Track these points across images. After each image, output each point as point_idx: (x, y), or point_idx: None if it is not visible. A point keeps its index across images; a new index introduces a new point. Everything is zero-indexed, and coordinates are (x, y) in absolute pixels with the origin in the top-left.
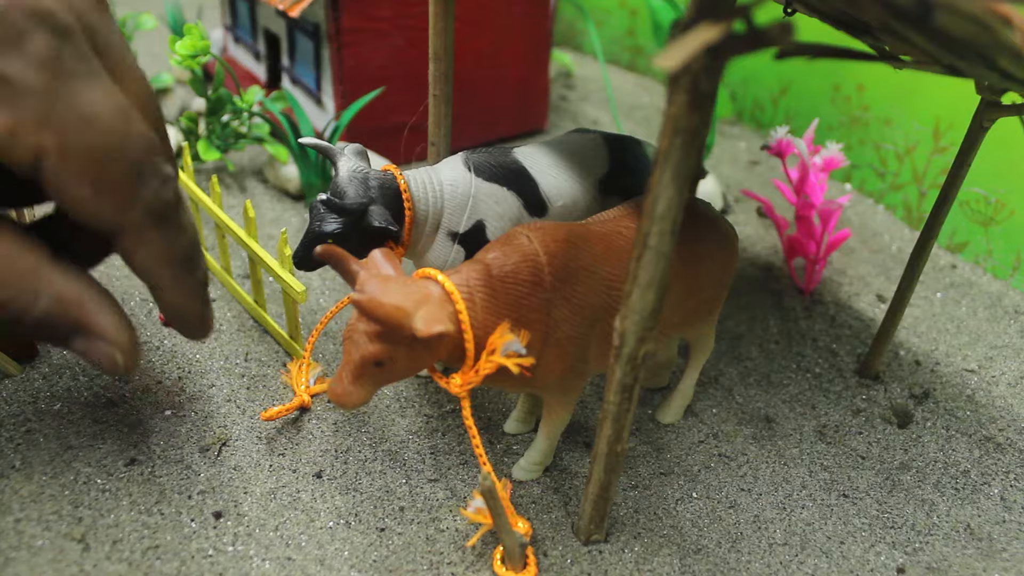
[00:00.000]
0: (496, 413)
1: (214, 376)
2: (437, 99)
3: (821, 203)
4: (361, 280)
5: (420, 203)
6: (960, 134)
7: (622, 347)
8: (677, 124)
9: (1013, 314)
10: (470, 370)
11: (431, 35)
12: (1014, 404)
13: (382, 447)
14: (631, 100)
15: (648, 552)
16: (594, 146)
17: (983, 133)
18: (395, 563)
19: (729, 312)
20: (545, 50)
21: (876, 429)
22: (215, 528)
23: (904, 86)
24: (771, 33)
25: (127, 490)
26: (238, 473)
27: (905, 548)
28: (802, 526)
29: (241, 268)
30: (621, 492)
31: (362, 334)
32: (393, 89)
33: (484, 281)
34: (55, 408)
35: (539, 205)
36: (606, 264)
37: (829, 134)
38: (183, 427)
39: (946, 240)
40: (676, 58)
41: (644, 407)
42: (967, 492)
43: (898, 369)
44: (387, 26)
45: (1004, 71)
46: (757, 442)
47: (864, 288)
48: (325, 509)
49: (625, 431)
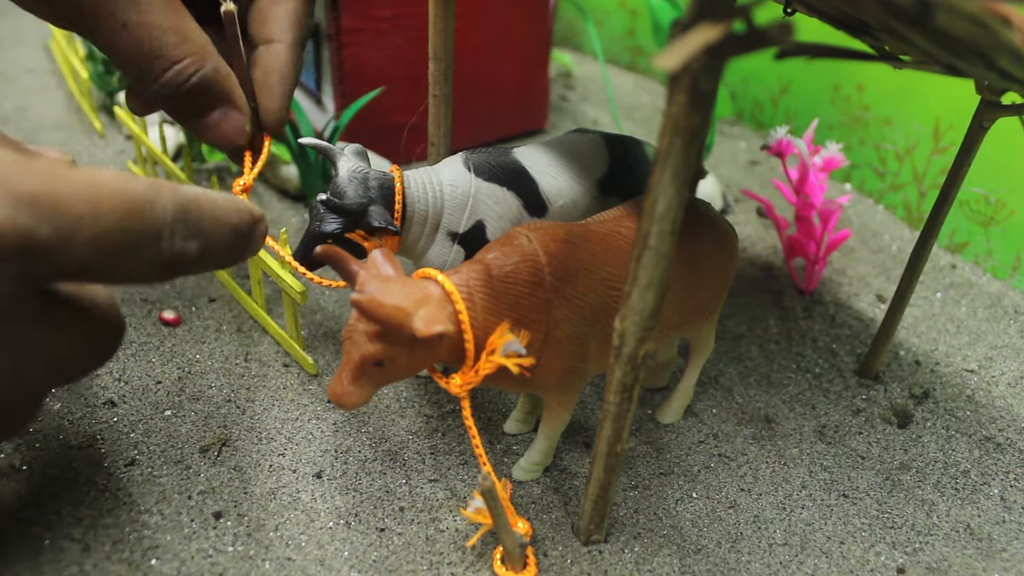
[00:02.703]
0: (496, 413)
1: (214, 376)
2: (437, 99)
3: (821, 203)
4: (361, 280)
5: (419, 203)
6: (960, 134)
7: (622, 347)
8: (677, 124)
9: (1013, 314)
10: (470, 370)
11: (431, 35)
12: (1014, 404)
13: (382, 447)
14: (631, 100)
15: (648, 552)
16: (594, 146)
17: (983, 133)
18: (395, 563)
19: (729, 312)
20: (545, 50)
21: (876, 429)
22: (215, 528)
23: (904, 86)
24: (771, 33)
25: (127, 490)
26: (238, 473)
27: (905, 548)
28: (802, 526)
29: (241, 268)
30: (621, 492)
31: (362, 334)
32: (393, 89)
33: (484, 281)
34: (55, 408)
35: (539, 205)
36: (606, 264)
37: (829, 134)
38: (183, 427)
39: (946, 240)
40: (676, 58)
41: (644, 407)
42: (967, 492)
43: (898, 369)
44: (387, 26)
45: (1004, 71)
46: (757, 442)
47: (864, 288)
48: (325, 509)
49: (625, 431)
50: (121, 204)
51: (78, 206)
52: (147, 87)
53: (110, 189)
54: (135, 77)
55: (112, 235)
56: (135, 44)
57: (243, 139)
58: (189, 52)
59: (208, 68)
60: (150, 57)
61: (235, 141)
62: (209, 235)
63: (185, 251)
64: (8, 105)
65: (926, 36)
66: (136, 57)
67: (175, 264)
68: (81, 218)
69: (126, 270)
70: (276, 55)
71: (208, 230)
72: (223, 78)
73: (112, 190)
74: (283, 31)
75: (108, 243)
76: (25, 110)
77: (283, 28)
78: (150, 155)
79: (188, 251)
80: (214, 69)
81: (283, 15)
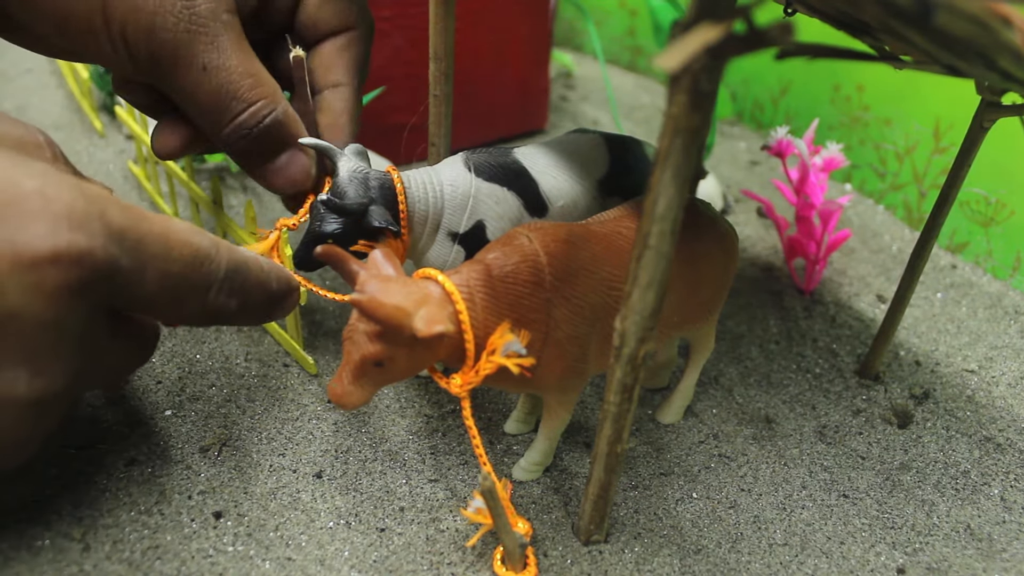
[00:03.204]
0: (496, 413)
1: (214, 376)
2: (437, 99)
3: (821, 203)
4: (361, 280)
5: (420, 203)
6: (960, 134)
7: (622, 347)
8: (677, 124)
9: (1013, 314)
10: (470, 370)
11: (431, 35)
12: (1014, 404)
13: (382, 447)
14: (631, 100)
15: (648, 552)
16: (594, 146)
17: (983, 133)
18: (395, 563)
19: (729, 312)
20: (545, 50)
21: (876, 429)
22: (215, 528)
23: (904, 86)
24: (771, 33)
25: (127, 490)
26: (238, 473)
27: (905, 548)
28: (802, 526)
29: None
30: (621, 492)
31: (362, 334)
32: (393, 89)
33: (484, 281)
34: None
35: (539, 205)
36: (606, 264)
37: (829, 134)
38: (183, 427)
39: (946, 240)
40: (676, 58)
41: (644, 407)
42: (967, 492)
43: (898, 369)
44: (387, 26)
45: (1004, 71)
46: (757, 442)
47: (864, 288)
48: (325, 509)
49: (625, 431)
50: (187, 253)
51: (154, 246)
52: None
53: (181, 238)
54: (210, 122)
55: (174, 278)
56: (214, 87)
57: (309, 182)
58: (263, 95)
59: (279, 110)
60: (228, 99)
61: (302, 184)
62: (249, 296)
63: (226, 306)
64: (8, 104)
65: (926, 36)
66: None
67: (215, 315)
68: (155, 257)
69: (175, 311)
70: (344, 98)
71: (249, 291)
72: (292, 120)
73: (182, 240)
74: (349, 75)
75: (168, 285)
76: (25, 110)
77: (349, 72)
78: (150, 155)
79: (228, 307)
80: (284, 112)
81: (349, 60)
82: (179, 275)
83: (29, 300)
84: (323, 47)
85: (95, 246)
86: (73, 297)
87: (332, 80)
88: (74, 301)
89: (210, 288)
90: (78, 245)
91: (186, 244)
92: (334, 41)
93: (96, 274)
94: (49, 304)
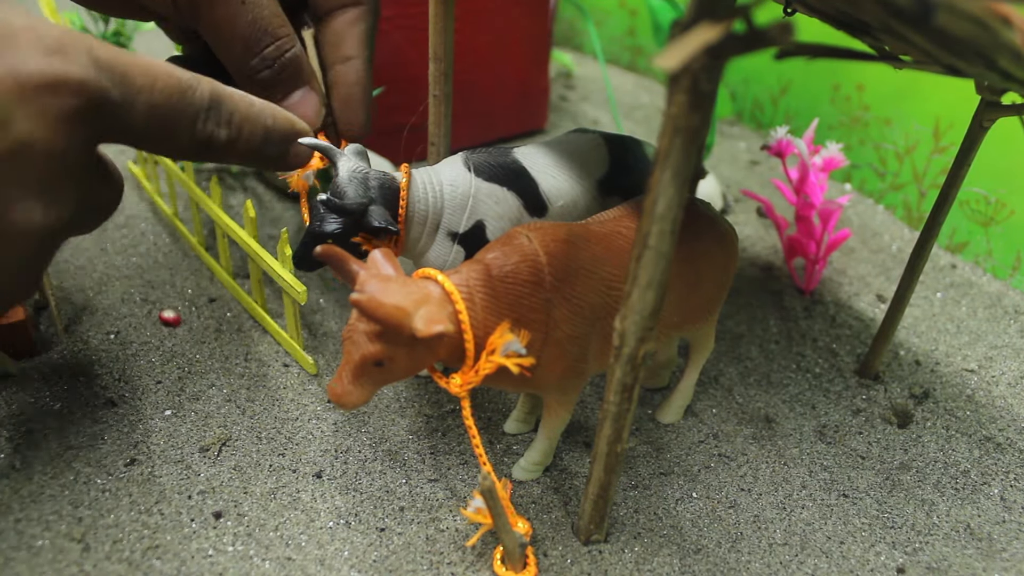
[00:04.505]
0: (496, 413)
1: (214, 376)
2: (437, 99)
3: (821, 203)
4: (361, 280)
5: (419, 203)
6: (960, 134)
7: (622, 347)
8: (677, 124)
9: (1013, 314)
10: (470, 370)
11: (431, 35)
12: (1014, 404)
13: (382, 447)
14: (631, 100)
15: (648, 552)
16: (594, 146)
17: (983, 133)
18: (395, 563)
19: (729, 312)
20: (545, 50)
21: (876, 429)
22: (215, 528)
23: (904, 86)
24: (771, 33)
25: (127, 490)
26: (238, 473)
27: (905, 548)
28: (802, 526)
29: (241, 268)
30: (621, 492)
31: (362, 334)
32: (393, 89)
33: (484, 281)
34: (55, 408)
35: (539, 205)
36: (606, 264)
37: (829, 134)
38: (183, 427)
39: (946, 240)
40: (676, 58)
41: (644, 407)
42: (967, 492)
43: (898, 369)
44: (387, 26)
45: (1004, 71)
46: (757, 442)
47: (864, 288)
48: (325, 509)
49: (625, 431)
50: (171, 83)
51: (140, 78)
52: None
53: (163, 70)
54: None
55: (161, 108)
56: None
57: (318, 122)
58: (287, 32)
59: (298, 47)
60: (260, 32)
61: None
62: (239, 128)
63: (216, 135)
64: None
65: (926, 36)
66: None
67: (206, 145)
68: (141, 89)
69: (167, 143)
70: (356, 70)
71: (238, 123)
72: (306, 61)
73: (164, 71)
74: (360, 48)
75: (157, 115)
76: None
77: (360, 46)
78: (150, 155)
79: (218, 136)
80: (301, 50)
81: (359, 33)
82: (165, 105)
83: (36, 128)
84: (333, 21)
85: (89, 76)
86: (74, 126)
87: (343, 54)
88: (75, 130)
89: (197, 117)
90: (75, 74)
91: (169, 75)
92: (344, 15)
93: (91, 103)
94: (55, 132)
